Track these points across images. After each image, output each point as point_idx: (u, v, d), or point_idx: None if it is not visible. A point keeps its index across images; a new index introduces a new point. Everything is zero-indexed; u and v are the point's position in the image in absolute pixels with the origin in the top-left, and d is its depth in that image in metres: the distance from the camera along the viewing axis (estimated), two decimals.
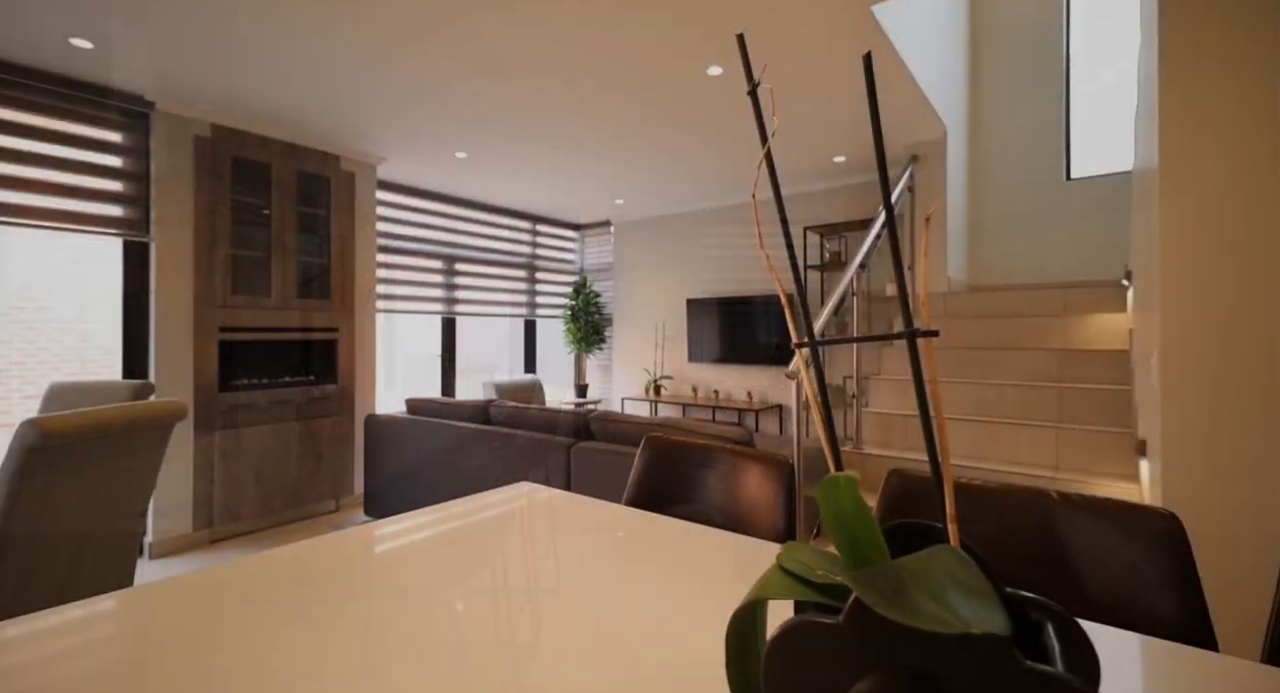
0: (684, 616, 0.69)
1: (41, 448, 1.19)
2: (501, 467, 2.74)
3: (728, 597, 0.71)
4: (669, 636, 0.64)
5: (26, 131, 2.63)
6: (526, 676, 0.56)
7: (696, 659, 0.59)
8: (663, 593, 0.74)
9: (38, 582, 1.25)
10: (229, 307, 3.18)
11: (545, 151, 3.83)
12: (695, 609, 0.70)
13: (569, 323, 5.81)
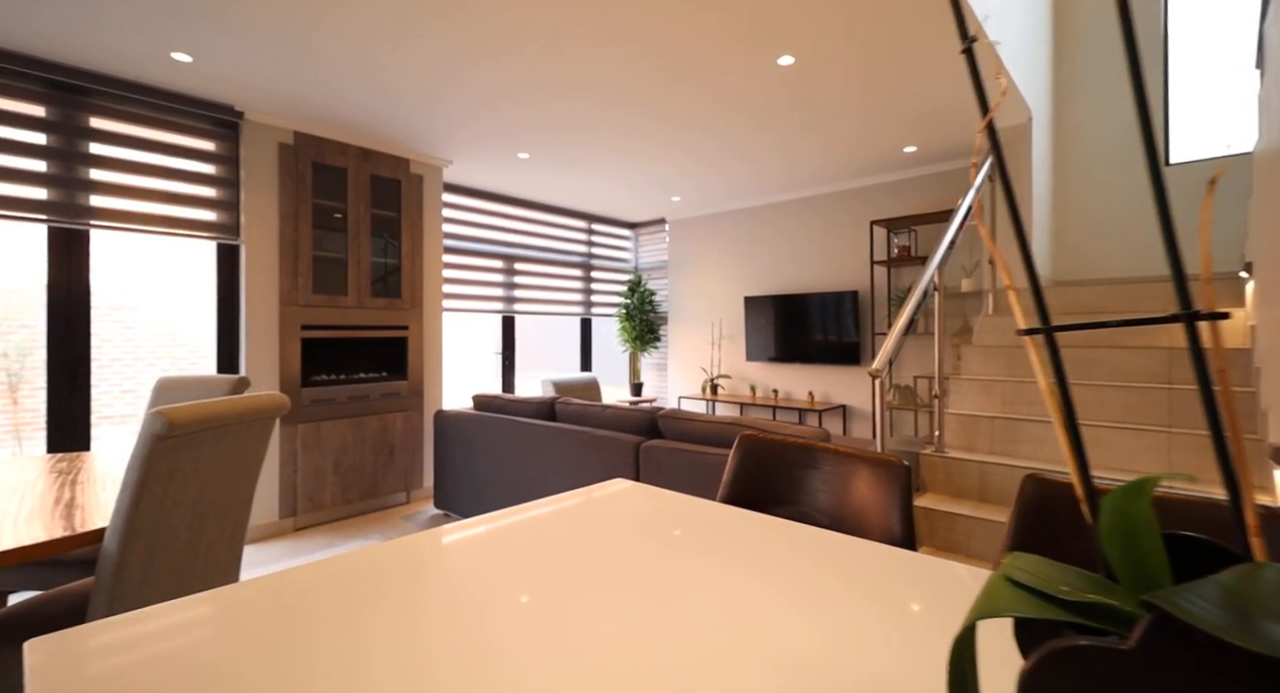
0: (826, 622, 0.65)
1: (167, 437, 1.26)
2: (568, 463, 2.76)
3: (867, 602, 0.67)
4: (807, 642, 0.61)
5: (132, 142, 2.83)
6: (653, 684, 0.54)
7: (847, 668, 0.56)
8: (793, 597, 0.71)
9: (161, 562, 1.33)
10: (310, 306, 3.33)
11: (605, 150, 3.84)
12: (833, 615, 0.66)
13: (623, 322, 5.82)
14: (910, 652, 0.60)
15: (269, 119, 3.18)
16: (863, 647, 0.61)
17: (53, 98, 2.60)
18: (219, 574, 1.51)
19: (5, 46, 2.43)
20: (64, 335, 2.70)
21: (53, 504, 1.45)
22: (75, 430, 2.69)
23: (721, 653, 0.59)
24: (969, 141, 3.70)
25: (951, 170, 4.10)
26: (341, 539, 3.09)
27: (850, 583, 0.75)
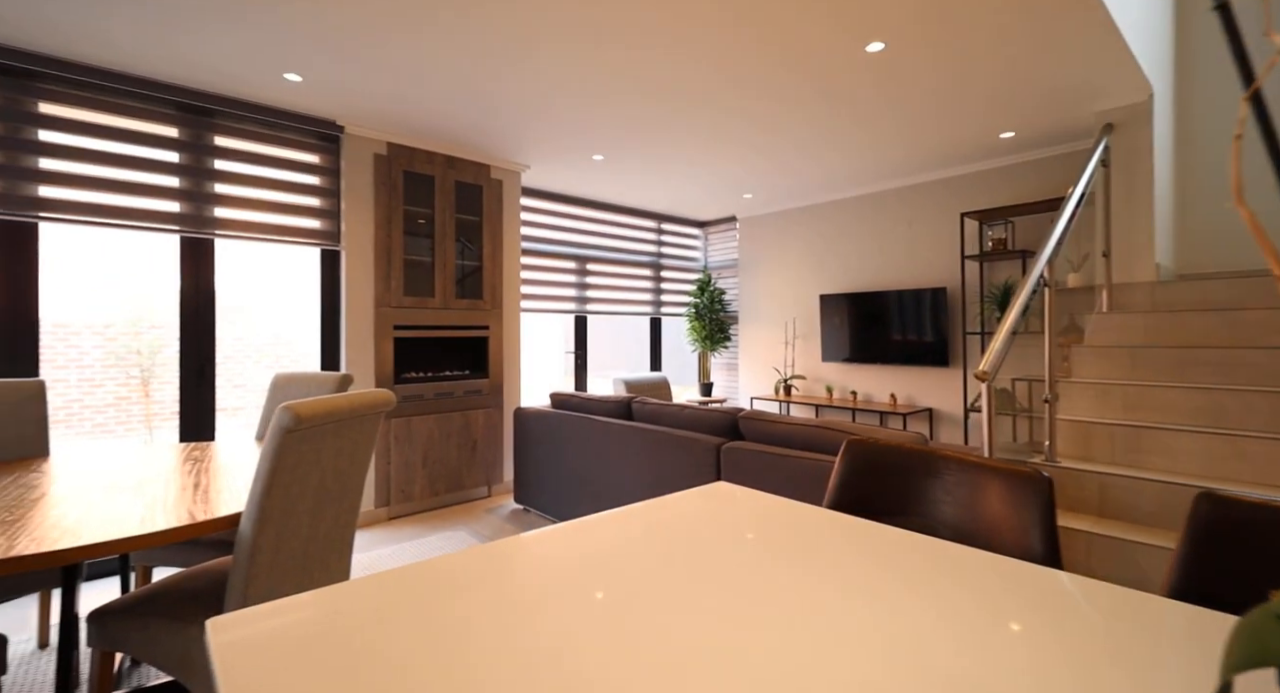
0: (975, 643, 0.60)
1: (294, 430, 1.35)
2: (646, 463, 2.76)
3: (1023, 626, 0.61)
4: (956, 661, 0.56)
5: (249, 157, 3.08)
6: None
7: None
8: (931, 612, 0.66)
9: (287, 546, 1.42)
10: (401, 307, 3.51)
11: (678, 149, 3.81)
12: (980, 636, 0.61)
13: (693, 321, 5.78)
14: (1084, 686, 0.54)
15: (366, 132, 3.38)
16: (1024, 675, 0.55)
17: (183, 119, 2.88)
18: (335, 559, 1.61)
19: (144, 74, 2.71)
20: (193, 335, 2.98)
21: (192, 489, 1.59)
22: (202, 421, 2.96)
23: (865, 671, 0.56)
24: (1075, 125, 3.41)
25: (1054, 156, 3.79)
26: (430, 530, 3.24)
27: (997, 604, 0.69)
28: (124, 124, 2.72)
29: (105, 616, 1.41)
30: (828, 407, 4.71)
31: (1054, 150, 3.77)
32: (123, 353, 6.01)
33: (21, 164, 2.48)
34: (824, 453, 2.17)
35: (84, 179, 2.61)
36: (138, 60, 2.56)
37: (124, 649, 1.40)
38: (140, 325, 6.13)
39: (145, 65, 2.61)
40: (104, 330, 5.92)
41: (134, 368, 6.07)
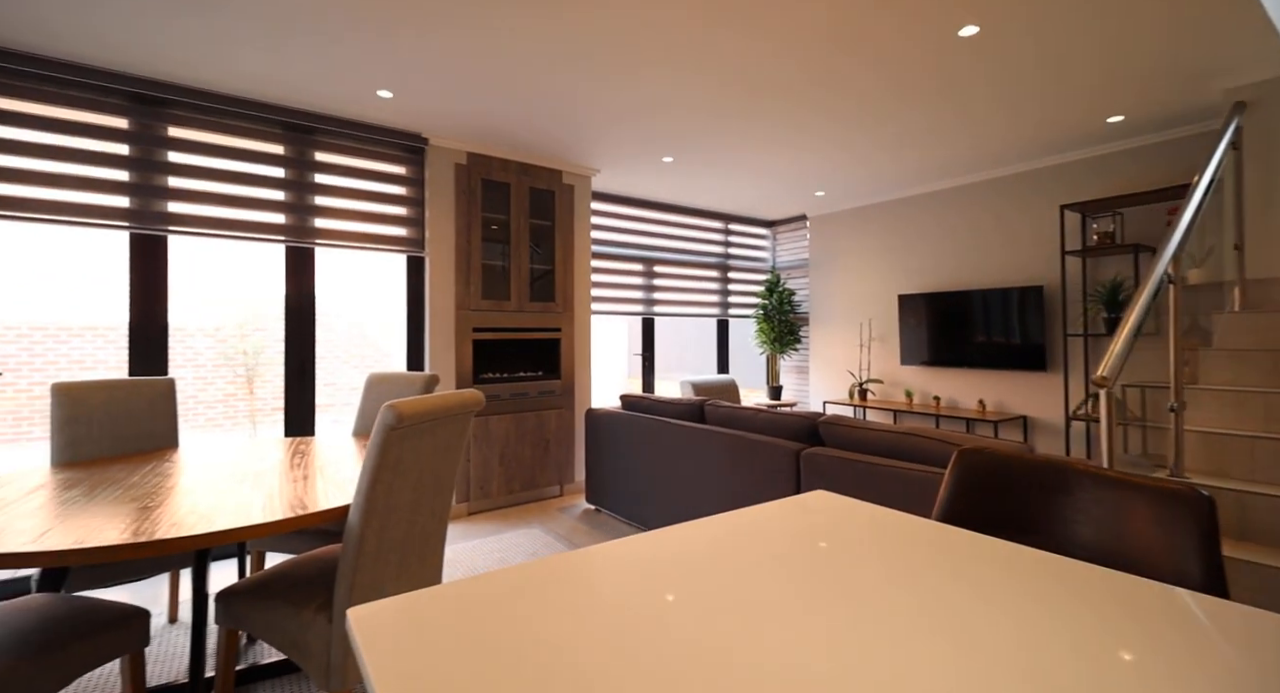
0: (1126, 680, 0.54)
1: (397, 427, 1.42)
2: (720, 466, 2.72)
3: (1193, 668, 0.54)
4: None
5: (344, 171, 3.29)
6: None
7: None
8: (1069, 639, 0.60)
9: (389, 537, 1.50)
10: (479, 310, 3.64)
11: (750, 147, 3.75)
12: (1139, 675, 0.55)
13: (761, 323, 5.66)
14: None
15: (448, 143, 3.53)
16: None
17: (288, 137, 3.10)
18: (430, 553, 1.68)
19: (257, 97, 2.94)
20: (296, 338, 3.20)
21: (302, 481, 1.70)
22: (304, 417, 3.18)
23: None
24: (1196, 105, 3.08)
25: (1168, 141, 3.44)
26: (507, 526, 3.33)
27: (1158, 638, 0.62)
28: (238, 144, 2.97)
29: (231, 596, 1.53)
30: (907, 412, 4.49)
31: (1169, 134, 3.42)
32: (231, 354, 6.59)
33: (154, 183, 2.75)
34: (914, 462, 2.06)
35: (205, 195, 2.87)
36: (254, 85, 2.79)
37: (246, 628, 1.51)
38: (246, 328, 6.69)
39: (259, 89, 2.84)
40: (215, 333, 6.51)
41: (240, 367, 6.63)
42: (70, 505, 1.43)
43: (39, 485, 1.61)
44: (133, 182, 2.70)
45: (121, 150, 2.69)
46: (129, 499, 1.49)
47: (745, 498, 2.59)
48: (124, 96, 2.68)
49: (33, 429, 5.67)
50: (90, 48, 2.43)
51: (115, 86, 2.63)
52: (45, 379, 5.84)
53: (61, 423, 1.98)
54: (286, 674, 1.89)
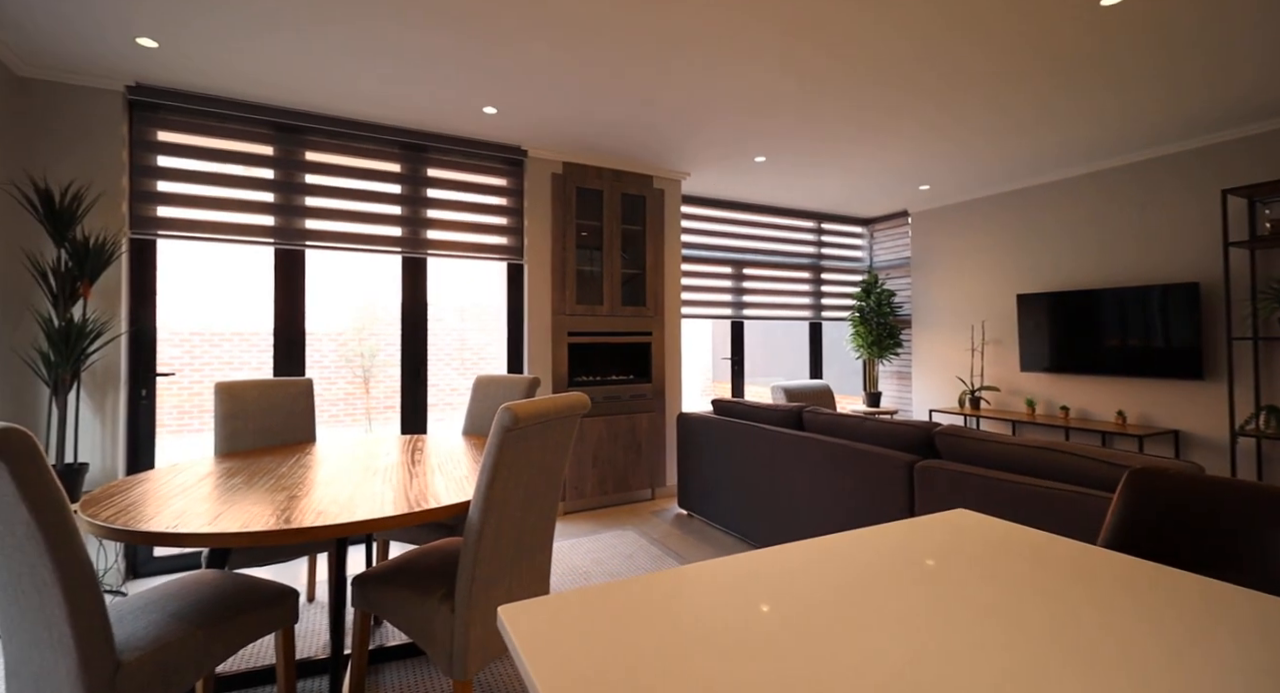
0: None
1: (513, 428, 1.47)
2: (821, 477, 2.61)
3: None
4: None
5: (452, 185, 3.49)
6: None
7: None
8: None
9: (504, 534, 1.55)
10: (574, 314, 3.74)
11: (848, 141, 3.58)
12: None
13: (857, 326, 5.39)
14: None
15: (545, 154, 3.66)
16: None
17: (404, 155, 3.35)
18: (540, 549, 1.73)
19: (377, 120, 3.19)
20: (411, 342, 3.44)
21: (424, 477, 1.81)
22: (417, 416, 3.40)
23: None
24: None
25: None
26: (602, 527, 3.38)
27: None
28: (362, 164, 3.24)
29: (366, 582, 1.65)
30: (1028, 423, 4.09)
31: None
32: (350, 356, 7.23)
33: (294, 203, 3.06)
34: (1048, 479, 1.86)
35: (335, 212, 3.15)
36: (376, 108, 3.03)
37: (378, 612, 1.63)
38: (363, 333, 7.32)
39: (380, 112, 3.08)
40: (337, 337, 7.17)
41: (358, 369, 7.26)
42: (234, 492, 1.60)
43: (208, 473, 1.82)
44: (277, 202, 3.02)
45: (268, 174, 3.02)
46: (280, 488, 1.65)
47: (850, 510, 2.46)
48: (269, 126, 3.01)
49: (193, 422, 6.51)
50: (241, 84, 2.75)
51: (261, 117, 2.96)
52: (203, 378, 6.69)
53: (223, 418, 2.23)
54: (412, 657, 2.01)
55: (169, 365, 6.29)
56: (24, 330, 2.46)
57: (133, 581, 2.68)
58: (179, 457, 5.77)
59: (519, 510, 1.60)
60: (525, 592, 1.67)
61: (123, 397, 2.68)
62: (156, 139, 2.80)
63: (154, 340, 2.84)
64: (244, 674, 1.88)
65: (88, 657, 1.17)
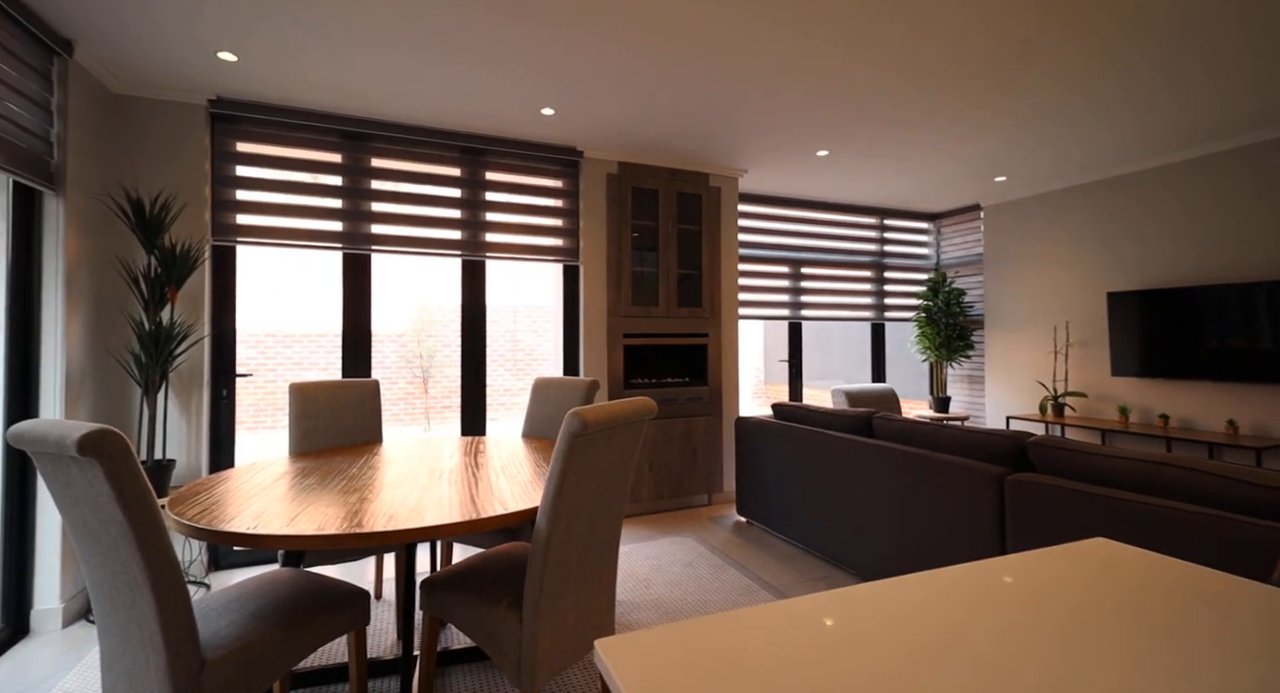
0: None
1: (581, 434, 1.42)
2: (895, 488, 2.45)
3: None
4: None
5: (510, 188, 3.51)
6: None
7: None
8: None
9: (571, 542, 1.51)
10: (629, 316, 3.69)
11: (918, 130, 3.38)
12: None
13: (923, 327, 5.12)
14: None
15: (601, 154, 3.63)
16: None
17: (463, 160, 3.38)
18: (607, 557, 1.67)
19: (438, 126, 3.24)
20: (470, 344, 3.47)
21: (488, 481, 1.79)
22: (476, 417, 3.44)
23: None
24: None
25: None
26: (659, 533, 3.32)
27: None
28: (423, 169, 3.29)
29: (433, 586, 1.64)
30: (1121, 432, 3.75)
31: None
32: (409, 357, 7.45)
33: (361, 208, 3.14)
34: (1169, 499, 1.66)
35: (399, 216, 3.22)
36: (438, 114, 3.07)
37: (446, 617, 1.61)
38: (421, 334, 7.54)
39: (441, 118, 3.12)
40: (397, 338, 7.41)
41: (417, 369, 7.48)
42: (308, 493, 1.62)
43: (283, 473, 1.86)
44: (345, 208, 3.11)
45: (336, 181, 3.11)
46: (351, 490, 1.66)
47: (927, 526, 2.30)
48: (337, 134, 3.10)
49: (268, 419, 6.86)
50: (312, 94, 2.83)
51: (330, 126, 3.05)
52: (276, 378, 7.05)
53: (297, 417, 2.30)
54: (478, 661, 2.00)
55: (246, 366, 6.64)
56: (118, 334, 2.61)
57: (215, 572, 2.80)
58: (256, 453, 6.10)
59: (586, 519, 1.55)
60: (592, 603, 1.62)
61: (205, 396, 2.81)
62: (235, 149, 2.92)
63: (233, 342, 2.97)
64: (317, 671, 1.91)
65: (176, 655, 1.19)
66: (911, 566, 2.38)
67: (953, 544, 2.19)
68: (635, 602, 2.42)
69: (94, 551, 1.23)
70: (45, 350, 2.22)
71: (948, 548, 2.21)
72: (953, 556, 2.20)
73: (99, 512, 1.15)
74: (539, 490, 1.67)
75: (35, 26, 2.07)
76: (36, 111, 2.13)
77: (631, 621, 2.26)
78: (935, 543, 2.26)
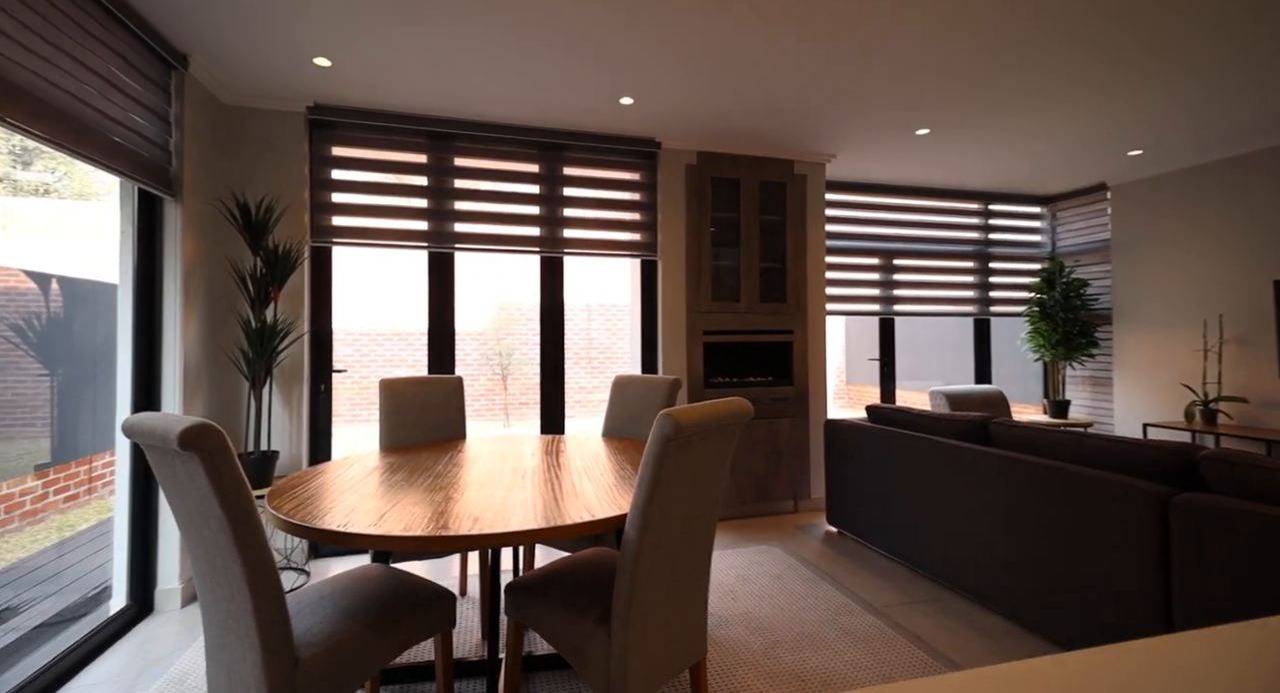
0: None
1: (674, 438, 1.30)
2: (1016, 505, 2.15)
3: None
4: None
5: (587, 182, 3.45)
6: None
7: None
8: None
9: (662, 554, 1.39)
10: (709, 312, 3.54)
11: (1034, 102, 2.99)
12: None
13: (1036, 322, 4.61)
14: None
15: (679, 144, 3.50)
16: None
17: (541, 155, 3.36)
18: (698, 569, 1.54)
19: (517, 122, 3.23)
20: (549, 341, 3.45)
21: (572, 483, 1.71)
22: (555, 415, 3.41)
23: None
24: None
25: None
26: (744, 540, 3.15)
27: None
28: (503, 166, 3.30)
29: (518, 591, 1.58)
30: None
31: None
32: (489, 354, 7.67)
33: (445, 207, 3.19)
34: None
35: (481, 215, 3.24)
36: (518, 109, 3.06)
37: (531, 625, 1.54)
38: (500, 332, 7.74)
39: (522, 113, 3.11)
40: (478, 337, 7.65)
41: (496, 367, 7.69)
42: (396, 490, 1.60)
43: (374, 468, 1.87)
44: (430, 207, 3.17)
45: (422, 181, 3.17)
46: (437, 488, 1.63)
47: (1058, 550, 1.99)
48: (423, 135, 3.15)
49: (361, 413, 7.29)
50: (399, 97, 2.89)
51: (416, 127, 3.11)
52: (369, 374, 7.48)
53: (387, 413, 2.33)
54: (562, 669, 1.94)
55: (342, 362, 7.08)
56: (228, 331, 2.77)
57: (314, 560, 2.93)
58: (351, 444, 6.48)
59: (678, 529, 1.43)
60: (684, 620, 1.49)
61: (305, 391, 2.94)
62: (331, 154, 3.04)
63: (330, 340, 3.09)
64: (404, 669, 1.91)
65: (271, 652, 1.18)
66: (1040, 595, 2.08)
67: (1093, 574, 1.89)
68: (723, 615, 2.28)
69: (197, 543, 1.25)
70: (166, 347, 2.38)
71: (1087, 578, 1.91)
72: (1094, 586, 1.89)
73: (201, 505, 1.16)
74: (624, 495, 1.56)
75: (156, 42, 2.21)
76: (157, 123, 2.28)
77: (720, 636, 2.12)
78: (1071, 572, 1.96)
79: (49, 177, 3.56)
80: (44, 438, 2.87)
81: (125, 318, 2.29)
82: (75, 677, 1.90)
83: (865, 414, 3.24)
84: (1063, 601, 2.00)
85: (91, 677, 1.90)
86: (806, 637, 2.11)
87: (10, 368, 2.77)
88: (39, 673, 1.81)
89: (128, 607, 2.26)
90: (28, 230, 3.25)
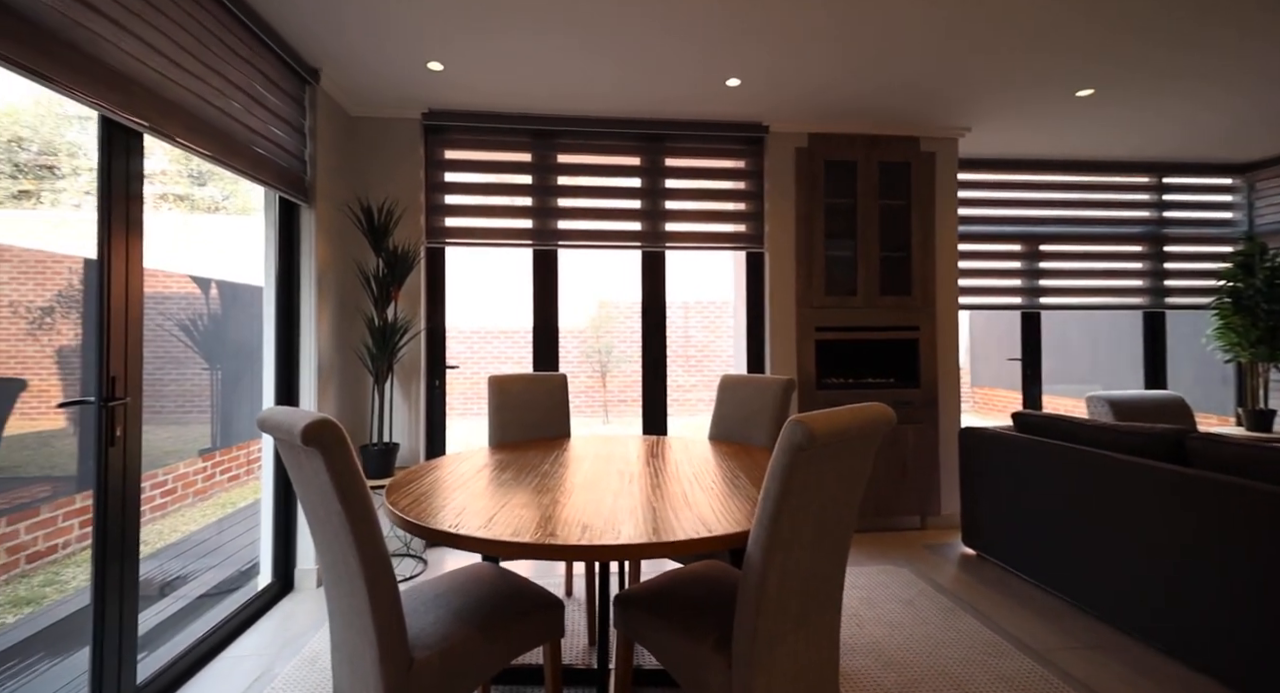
0: None
1: (806, 448, 1.13)
2: (1222, 542, 1.73)
3: None
4: None
5: (689, 173, 3.31)
6: None
7: None
8: None
9: (790, 578, 1.23)
10: (822, 307, 3.27)
11: (1230, 43, 2.43)
12: None
13: (1228, 316, 3.83)
14: None
15: (788, 126, 3.26)
16: None
17: (642, 148, 3.27)
18: (830, 598, 1.36)
19: (617, 115, 3.16)
20: (651, 338, 3.36)
21: (684, 492, 1.58)
22: (657, 415, 3.31)
23: None
24: None
25: None
26: (866, 559, 2.86)
27: None
28: (605, 161, 3.24)
29: (628, 604, 1.48)
30: None
31: None
32: (589, 352, 7.79)
33: (549, 205, 3.19)
34: None
35: (583, 211, 3.22)
36: (620, 101, 2.99)
37: (641, 642, 1.44)
38: (600, 330, 7.84)
39: (623, 105, 3.03)
40: (579, 334, 7.80)
41: (596, 364, 7.79)
42: (505, 489, 1.57)
43: (483, 465, 1.86)
44: (535, 206, 3.19)
45: (526, 180, 3.20)
46: (544, 489, 1.57)
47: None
48: (527, 134, 3.18)
49: (472, 407, 7.70)
50: (505, 97, 2.92)
51: (521, 126, 3.13)
52: (479, 370, 7.88)
53: (495, 409, 2.35)
54: (670, 686, 1.82)
55: (454, 359, 7.51)
56: (356, 330, 2.95)
57: (431, 549, 3.05)
58: (464, 437, 6.83)
59: (808, 553, 1.26)
60: (814, 655, 1.32)
61: (422, 386, 3.07)
62: (443, 157, 3.15)
63: (444, 337, 3.21)
64: (513, 670, 1.89)
65: (386, 649, 1.17)
66: (1247, 650, 1.65)
67: None
68: (847, 644, 2.05)
69: (320, 536, 1.27)
70: (303, 344, 2.56)
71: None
72: None
73: (323, 499, 1.16)
74: (740, 508, 1.41)
75: (291, 58, 2.37)
76: (294, 135, 2.46)
77: (846, 668, 1.90)
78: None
79: (219, 195, 4.02)
80: (206, 425, 3.24)
81: (269, 317, 2.48)
82: (227, 648, 2.07)
83: (1011, 423, 2.83)
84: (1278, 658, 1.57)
85: (241, 648, 2.07)
86: (949, 678, 1.83)
87: (185, 362, 3.13)
88: (197, 643, 1.99)
89: (272, 584, 2.45)
90: (202, 242, 3.67)
